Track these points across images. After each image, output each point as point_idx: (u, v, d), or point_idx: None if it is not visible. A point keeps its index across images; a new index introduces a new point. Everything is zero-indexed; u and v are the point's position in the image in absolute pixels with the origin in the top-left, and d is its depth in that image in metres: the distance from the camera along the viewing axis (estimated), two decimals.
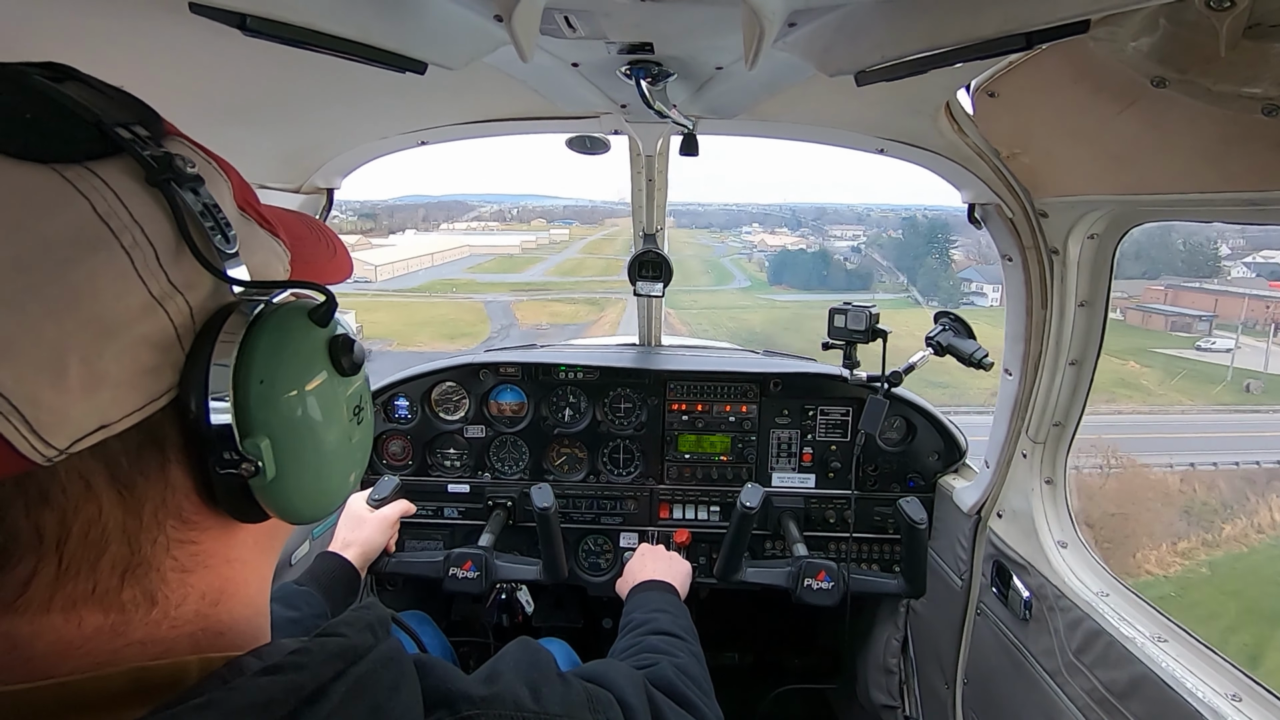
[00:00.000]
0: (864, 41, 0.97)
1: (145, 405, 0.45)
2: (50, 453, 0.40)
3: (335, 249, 0.72)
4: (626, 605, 1.59)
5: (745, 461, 2.57)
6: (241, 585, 0.55)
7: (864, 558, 2.52)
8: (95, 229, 0.42)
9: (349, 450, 0.58)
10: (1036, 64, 1.24)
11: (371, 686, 0.51)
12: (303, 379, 0.53)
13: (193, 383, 0.47)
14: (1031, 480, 1.92)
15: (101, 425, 0.42)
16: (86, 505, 0.44)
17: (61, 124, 0.44)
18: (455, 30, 1.03)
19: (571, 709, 0.71)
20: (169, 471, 0.48)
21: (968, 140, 1.60)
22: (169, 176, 0.46)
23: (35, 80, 0.45)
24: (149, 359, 0.45)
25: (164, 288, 0.45)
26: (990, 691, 2.04)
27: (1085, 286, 1.70)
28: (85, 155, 0.44)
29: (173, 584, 0.49)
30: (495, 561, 2.06)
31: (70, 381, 0.40)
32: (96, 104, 0.46)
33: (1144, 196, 1.37)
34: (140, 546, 0.47)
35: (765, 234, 51.64)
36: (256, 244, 0.56)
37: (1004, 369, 1.94)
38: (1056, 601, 1.73)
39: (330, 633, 0.53)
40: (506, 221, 55.40)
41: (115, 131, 0.45)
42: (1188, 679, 1.35)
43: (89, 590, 0.45)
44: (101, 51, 1.05)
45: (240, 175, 0.57)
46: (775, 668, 3.13)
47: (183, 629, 0.49)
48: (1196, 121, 1.08)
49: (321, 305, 0.55)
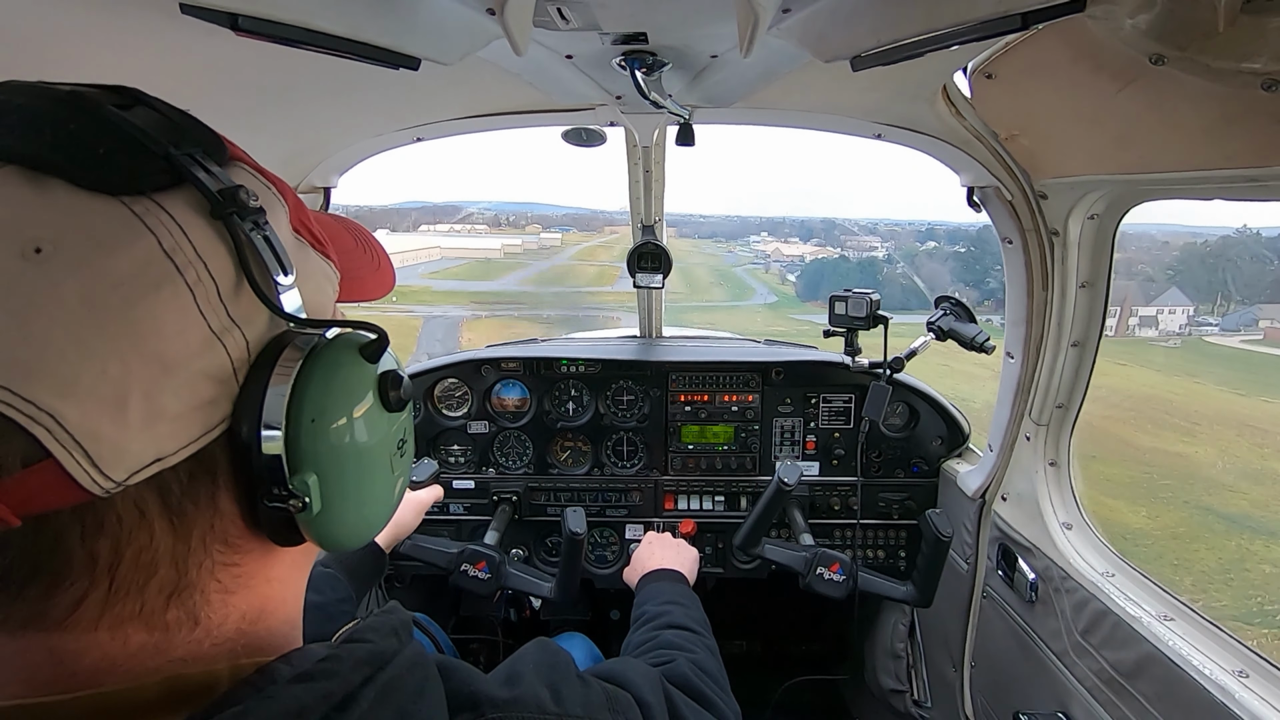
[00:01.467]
0: (859, 26, 0.97)
1: (200, 437, 0.45)
2: (108, 485, 0.41)
3: (379, 261, 0.72)
4: (638, 596, 1.59)
5: (749, 451, 2.57)
6: (279, 604, 0.56)
7: (870, 544, 2.53)
8: (161, 266, 0.42)
9: (390, 483, 0.59)
10: (1033, 44, 1.23)
11: (398, 691, 0.52)
12: (352, 416, 0.53)
13: (246, 415, 0.47)
14: (1035, 463, 1.92)
15: (158, 458, 0.43)
16: (139, 533, 0.44)
17: (133, 158, 0.44)
18: (448, 25, 1.02)
19: (592, 710, 0.71)
20: (218, 500, 0.48)
21: (965, 123, 1.59)
22: (233, 210, 0.46)
23: (108, 112, 0.45)
24: (206, 393, 0.45)
25: (223, 322, 0.45)
26: (998, 674, 2.05)
27: (1086, 267, 1.70)
28: (152, 187, 0.44)
29: (215, 604, 0.50)
30: (508, 569, 2.04)
31: (130, 417, 0.41)
32: (165, 132, 0.46)
33: (1144, 175, 1.36)
34: (187, 570, 0.47)
35: (779, 243, 46.52)
36: (310, 269, 0.56)
37: (1006, 352, 1.94)
38: (1062, 583, 1.74)
39: (357, 639, 0.53)
40: (500, 227, 51.74)
41: (183, 164, 0.45)
42: (1194, 657, 1.35)
43: (136, 610, 0.45)
44: (93, 53, 1.04)
45: (295, 195, 0.57)
46: (783, 655, 3.15)
47: (223, 646, 0.50)
48: (1196, 98, 1.07)
49: (373, 342, 0.55)
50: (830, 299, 2.18)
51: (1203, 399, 12.66)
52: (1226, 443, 10.84)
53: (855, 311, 2.13)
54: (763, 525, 2.06)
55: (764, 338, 3.04)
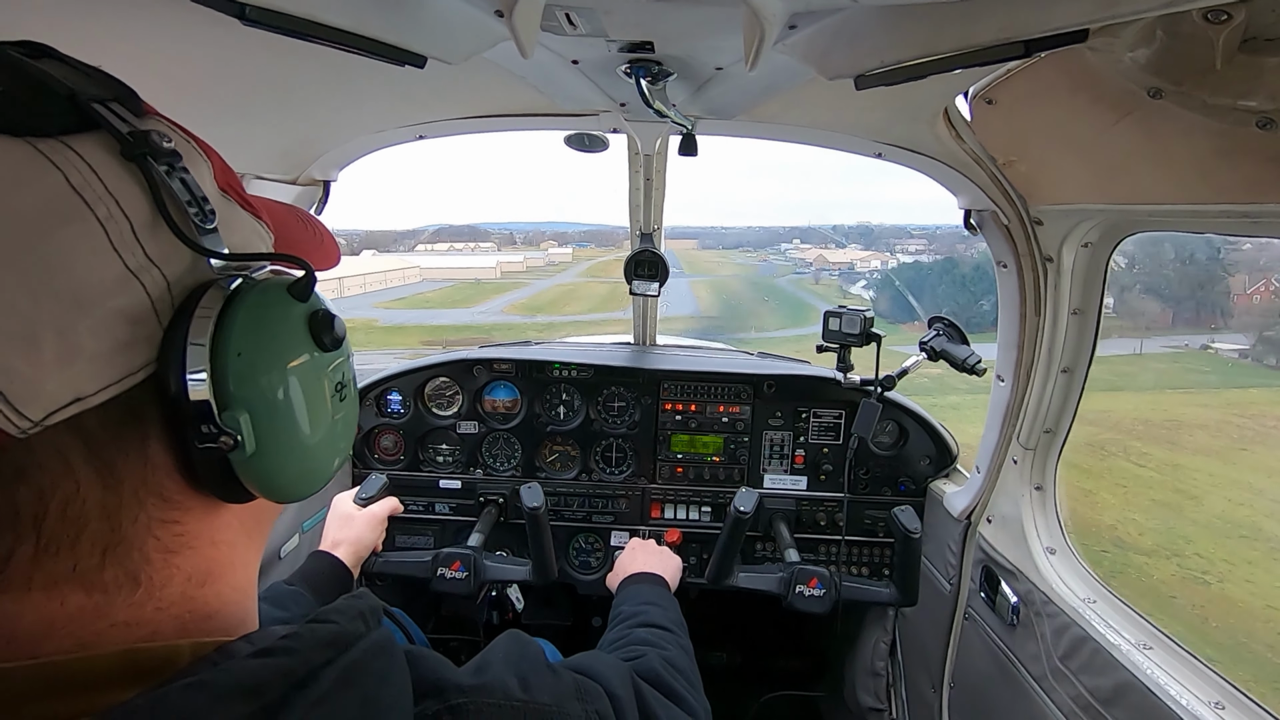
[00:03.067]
0: (863, 46, 0.97)
1: (122, 379, 0.44)
2: (24, 424, 0.40)
3: (322, 237, 0.72)
4: (616, 597, 1.59)
5: (737, 462, 2.57)
6: (227, 568, 0.55)
7: (855, 561, 2.53)
8: (69, 200, 0.42)
9: (331, 427, 0.58)
10: (1034, 72, 1.25)
11: (362, 675, 0.51)
12: (281, 353, 0.53)
13: (170, 357, 0.46)
14: (1021, 487, 1.93)
15: (76, 398, 0.42)
16: (64, 481, 0.43)
17: (36, 98, 0.43)
18: (455, 24, 1.02)
19: (560, 699, 0.71)
20: (149, 449, 0.47)
21: (965, 146, 1.61)
22: (144, 151, 0.46)
23: (9, 55, 0.45)
24: (124, 332, 0.44)
25: (140, 261, 0.45)
26: (977, 696, 2.05)
27: (1078, 295, 1.71)
28: (60, 129, 0.43)
29: (156, 564, 0.49)
30: (484, 562, 2.05)
31: (44, 353, 0.40)
32: (72, 80, 0.46)
33: (1138, 206, 1.38)
34: (120, 525, 0.46)
35: (819, 249, 39.47)
36: (238, 224, 0.56)
37: (996, 375, 1.95)
38: (1044, 607, 1.74)
39: (321, 619, 0.53)
40: (515, 245, 47.93)
41: (91, 106, 0.45)
42: (1172, 686, 1.36)
43: (69, 569, 0.44)
44: (98, 41, 1.04)
45: (223, 159, 0.56)
46: (763, 669, 3.14)
47: (168, 610, 0.49)
48: (1191, 133, 1.09)
49: (300, 280, 0.55)
50: (824, 314, 2.19)
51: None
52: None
53: (849, 328, 2.14)
54: (730, 556, 2.05)
55: (758, 350, 3.05)
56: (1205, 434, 10.72)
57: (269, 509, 0.60)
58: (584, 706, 0.74)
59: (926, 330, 2.14)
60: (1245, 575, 6.76)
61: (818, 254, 39.63)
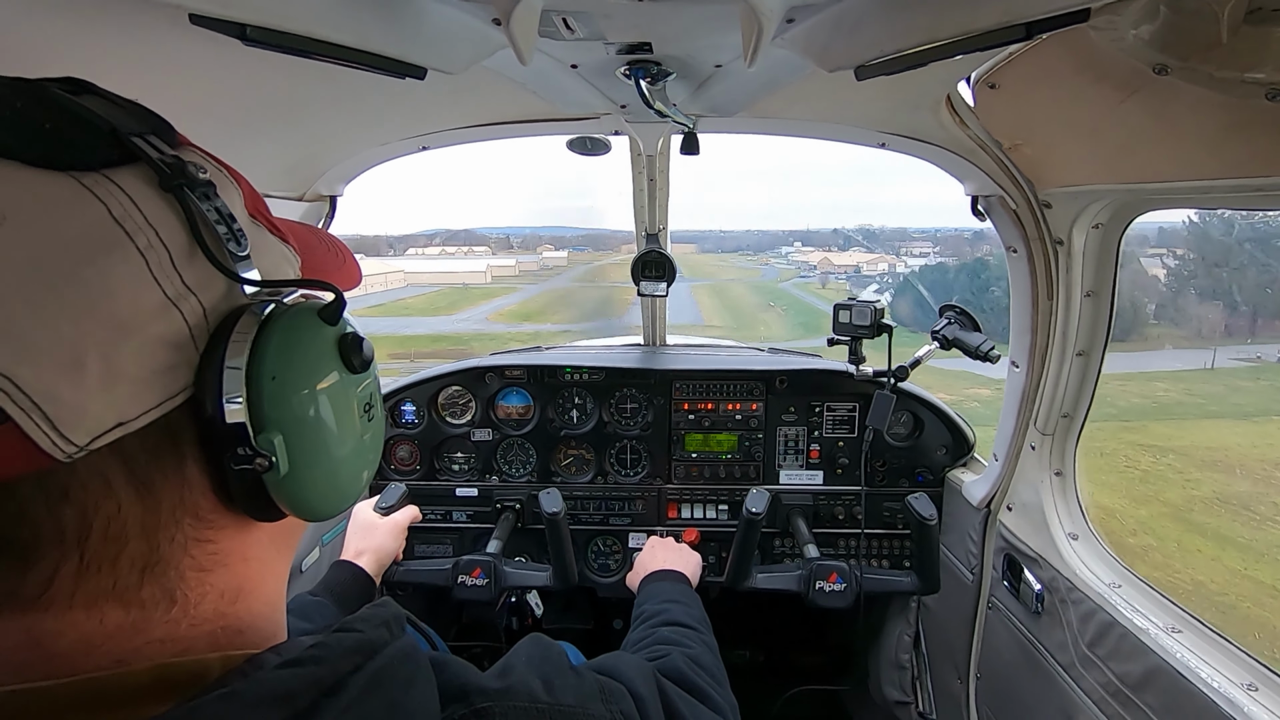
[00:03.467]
0: (863, 36, 0.97)
1: (162, 403, 0.46)
2: (70, 449, 0.41)
3: (344, 258, 0.74)
4: (638, 596, 1.59)
5: (753, 460, 2.57)
6: (259, 584, 0.56)
7: (875, 554, 2.51)
8: (111, 231, 0.43)
9: (360, 446, 0.60)
10: (1037, 55, 1.24)
11: (388, 681, 0.52)
12: (313, 375, 0.54)
13: (207, 381, 0.48)
14: (1041, 473, 1.91)
15: (120, 422, 0.43)
16: (106, 502, 0.45)
17: (79, 133, 0.45)
18: (454, 35, 1.03)
19: (584, 700, 0.72)
20: (186, 469, 0.49)
21: (969, 132, 1.60)
22: (182, 182, 0.47)
23: (53, 93, 0.46)
24: (165, 358, 0.46)
25: (178, 289, 0.46)
26: (1004, 686, 2.04)
27: (1091, 277, 1.69)
28: (101, 163, 0.45)
29: (191, 582, 0.50)
30: (504, 568, 2.06)
31: (89, 379, 0.41)
32: (112, 115, 0.48)
33: (1148, 185, 1.36)
34: (159, 544, 0.48)
35: (824, 252, 36.98)
36: (267, 249, 0.57)
37: (1011, 361, 1.93)
38: (1068, 594, 1.72)
39: (347, 628, 0.54)
40: (510, 249, 47.51)
41: (130, 140, 0.47)
42: (1202, 669, 1.34)
43: (109, 586, 0.46)
44: (103, 64, 1.05)
45: (250, 184, 0.58)
46: (786, 665, 3.13)
47: (202, 627, 0.50)
48: (1199, 109, 1.07)
49: (331, 304, 0.57)
50: (834, 307, 2.18)
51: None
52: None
53: (859, 320, 2.13)
54: (746, 559, 2.05)
55: (768, 345, 3.04)
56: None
57: (297, 525, 0.61)
58: (608, 707, 0.74)
59: (938, 319, 2.13)
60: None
61: (822, 257, 38.12)
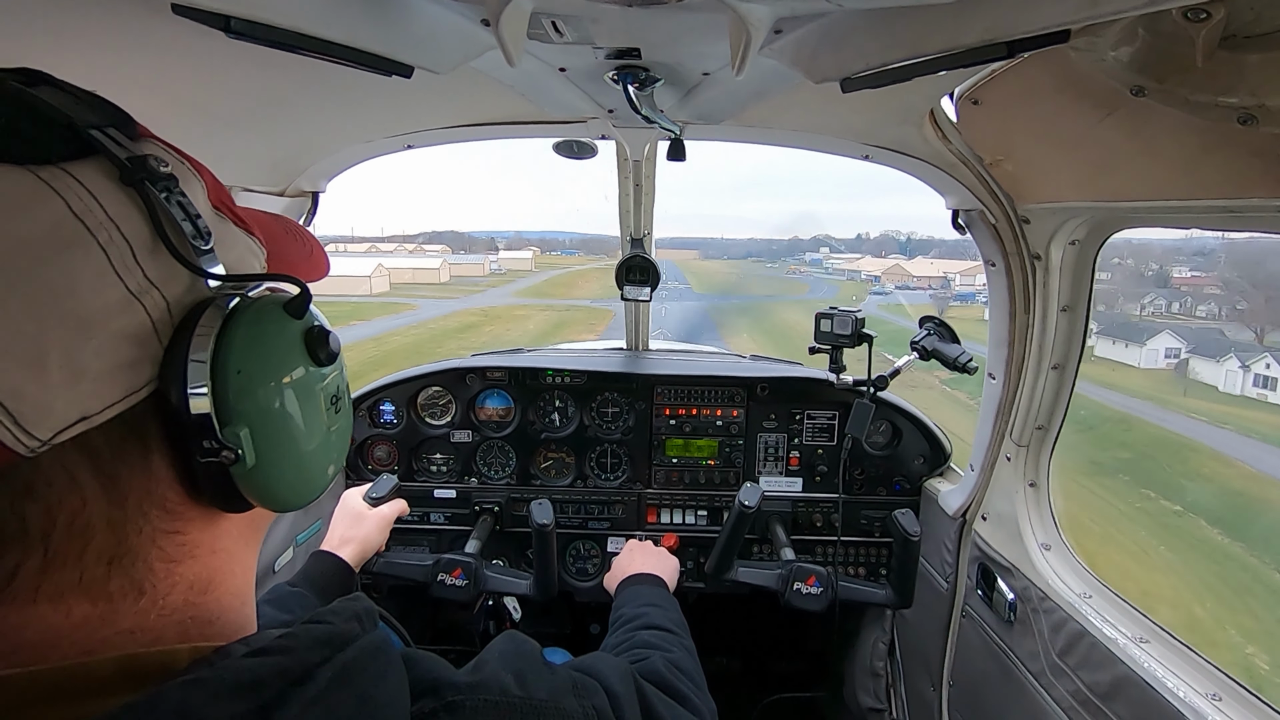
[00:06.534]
0: (849, 49, 0.98)
1: (126, 397, 0.46)
2: (33, 444, 0.41)
3: (311, 249, 0.73)
4: (616, 600, 1.57)
5: (733, 465, 2.57)
6: (227, 575, 0.56)
7: (851, 561, 2.53)
8: (71, 227, 0.43)
9: (327, 439, 0.60)
10: (1019, 73, 1.26)
11: (358, 674, 0.52)
12: (279, 369, 0.55)
13: (171, 375, 0.48)
14: (1015, 483, 1.94)
15: (83, 417, 0.43)
16: (70, 497, 0.45)
17: (35, 126, 0.44)
18: (442, 34, 1.02)
19: (557, 695, 0.71)
20: (152, 462, 0.49)
21: (951, 147, 1.62)
22: (143, 175, 0.47)
23: (8, 85, 0.46)
24: (128, 353, 0.46)
25: (140, 283, 0.46)
26: (976, 694, 2.06)
27: (1067, 292, 1.72)
28: (60, 156, 0.44)
29: (160, 574, 0.50)
30: (485, 572, 2.03)
31: (51, 375, 0.41)
32: (70, 107, 0.47)
33: (1124, 204, 1.39)
34: (126, 536, 0.48)
35: (897, 259, 31.33)
36: (232, 241, 0.57)
37: (988, 373, 1.96)
38: (1040, 603, 1.75)
39: (317, 620, 0.54)
40: (496, 251, 47.77)
41: (89, 133, 0.46)
42: (1169, 679, 1.36)
43: (75, 580, 0.46)
44: (83, 53, 1.03)
45: (214, 176, 0.57)
46: (762, 672, 3.14)
47: (171, 617, 0.50)
48: (1174, 130, 1.10)
49: (296, 298, 0.57)
50: (816, 316, 2.20)
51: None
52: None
53: (840, 329, 2.15)
54: (731, 550, 2.05)
55: (749, 353, 3.05)
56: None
57: (265, 516, 0.61)
58: (580, 703, 0.74)
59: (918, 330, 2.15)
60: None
61: (892, 264, 32.78)
